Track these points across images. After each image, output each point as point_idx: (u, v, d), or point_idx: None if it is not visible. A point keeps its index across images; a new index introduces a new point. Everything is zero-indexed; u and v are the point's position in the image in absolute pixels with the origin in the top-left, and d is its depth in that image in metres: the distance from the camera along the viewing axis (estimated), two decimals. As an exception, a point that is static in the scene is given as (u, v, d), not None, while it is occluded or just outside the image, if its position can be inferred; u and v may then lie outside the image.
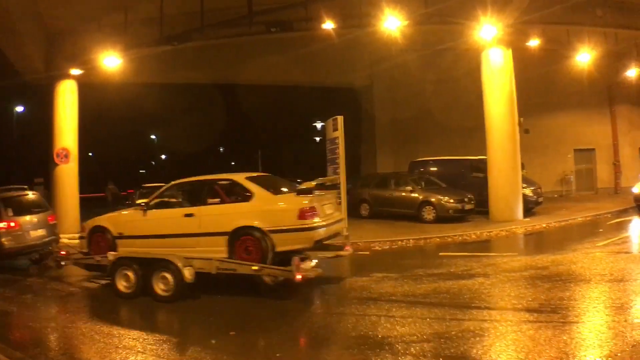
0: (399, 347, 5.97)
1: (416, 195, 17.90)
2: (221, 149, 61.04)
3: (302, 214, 8.38)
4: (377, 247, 13.59)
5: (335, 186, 11.50)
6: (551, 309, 7.30)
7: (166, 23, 15.81)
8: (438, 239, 14.33)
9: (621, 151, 28.99)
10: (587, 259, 10.83)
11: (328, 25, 14.84)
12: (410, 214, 17.76)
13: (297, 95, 35.84)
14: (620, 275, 9.15)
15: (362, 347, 6.06)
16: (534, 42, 18.62)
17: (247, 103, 39.31)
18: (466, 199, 17.40)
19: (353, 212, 17.96)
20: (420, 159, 21.58)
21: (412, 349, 5.90)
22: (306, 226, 8.39)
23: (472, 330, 6.49)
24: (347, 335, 6.68)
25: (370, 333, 6.56)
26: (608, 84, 27.49)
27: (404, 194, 18.34)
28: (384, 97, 27.54)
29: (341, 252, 9.85)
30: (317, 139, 45.60)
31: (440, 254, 12.51)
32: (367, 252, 13.06)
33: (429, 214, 17.21)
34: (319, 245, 8.92)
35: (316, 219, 8.54)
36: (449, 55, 22.20)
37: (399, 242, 13.97)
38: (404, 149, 25.05)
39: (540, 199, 19.71)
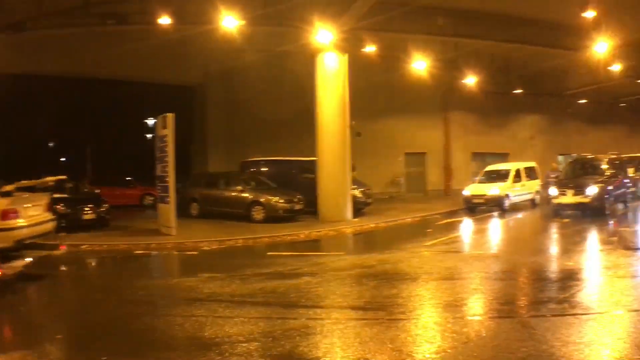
0: (226, 348, 6.39)
1: (246, 195, 19.82)
2: (51, 144, 59.64)
3: (3, 215, 9.84)
4: (205, 247, 14.80)
5: (47, 189, 12.88)
6: (377, 306, 8.26)
7: (6, 10, 16.19)
8: (267, 239, 16.02)
9: (453, 155, 33.90)
10: (414, 258, 12.45)
11: (164, 20, 16.05)
12: (240, 213, 19.48)
13: (133, 90, 36.33)
14: (447, 274, 10.69)
15: (189, 349, 6.55)
16: (370, 49, 21.27)
17: (83, 97, 39.58)
18: (296, 199, 19.59)
19: (183, 212, 19.36)
20: (252, 159, 23.41)
21: (238, 349, 6.33)
22: (7, 227, 9.86)
23: (298, 328, 7.08)
24: (174, 336, 7.15)
25: (197, 334, 7.01)
26: (444, 90, 32.04)
27: (234, 193, 20.18)
28: (219, 96, 29.12)
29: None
30: (149, 136, 46.30)
31: (268, 253, 13.88)
32: (196, 252, 14.22)
33: (258, 213, 19.16)
34: (22, 245, 10.21)
35: (19, 220, 10.03)
36: (286, 57, 24.06)
37: (228, 241, 15.44)
38: (237, 148, 26.66)
39: (370, 200, 22.56)
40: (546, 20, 22.99)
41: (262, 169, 22.71)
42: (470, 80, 28.27)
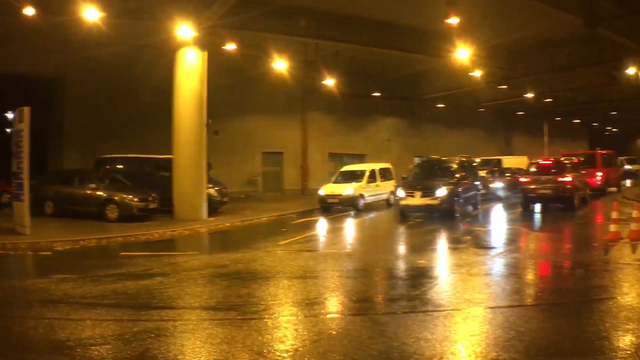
0: (78, 351, 6.60)
1: (100, 193, 20.45)
2: None
3: None
4: (59, 247, 15.13)
5: None
6: (229, 306, 8.73)
7: None
8: (121, 239, 16.68)
9: (310, 155, 36.53)
10: (268, 257, 13.31)
11: (29, 11, 16.49)
12: (94, 212, 20.09)
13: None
14: (300, 272, 11.50)
15: (40, 352, 6.78)
16: (231, 47, 22.81)
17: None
18: (150, 198, 20.49)
19: (38, 210, 19.83)
20: (107, 156, 23.88)
21: (90, 352, 6.52)
22: None
23: (150, 330, 7.35)
24: (27, 339, 7.26)
25: (50, 337, 7.17)
26: (303, 91, 34.47)
27: (88, 191, 20.69)
28: (77, 89, 29.05)
29: None
30: (9, 130, 45.15)
31: (122, 253, 14.39)
32: (49, 252, 14.54)
33: (112, 212, 19.91)
34: None
35: None
36: (147, 52, 25.10)
37: (81, 241, 15.86)
38: (95, 145, 26.77)
39: (226, 199, 23.95)
40: (408, 26, 25.58)
41: (117, 167, 23.25)
42: (330, 82, 30.46)
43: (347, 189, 24.97)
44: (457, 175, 22.39)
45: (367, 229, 21.59)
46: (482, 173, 29.17)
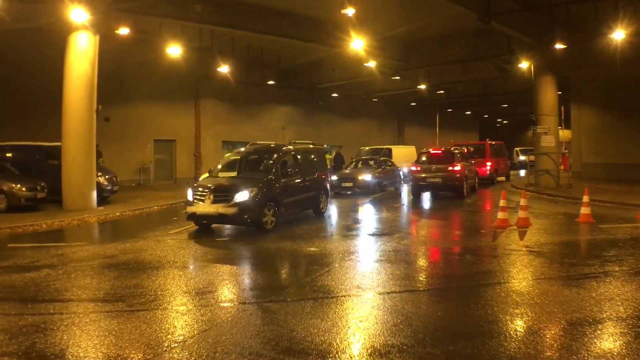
0: None
1: None
2: None
3: None
4: None
5: None
6: (118, 297, 8.81)
7: None
8: (8, 230, 16.27)
9: (203, 143, 36.84)
10: (158, 247, 13.41)
11: None
12: None
13: None
14: (190, 262, 11.92)
15: None
16: (124, 31, 22.78)
17: None
18: (39, 187, 20.10)
19: None
20: None
21: None
22: None
23: (37, 324, 7.39)
24: None
25: None
26: (197, 78, 34.67)
27: None
28: None
29: None
30: None
31: (9, 245, 14.07)
32: None
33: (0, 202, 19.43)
34: None
35: None
36: (36, 36, 24.58)
37: None
38: None
39: (116, 188, 23.91)
40: (305, 15, 26.22)
41: (5, 155, 22.58)
42: (225, 69, 30.92)
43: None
44: (275, 172, 16.98)
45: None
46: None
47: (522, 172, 43.20)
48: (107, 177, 23.33)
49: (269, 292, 9.31)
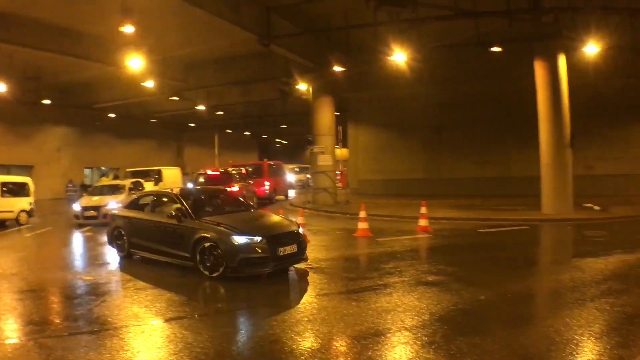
0: None
1: None
2: None
3: None
4: None
5: None
6: None
7: None
8: None
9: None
10: None
11: None
12: None
13: None
14: None
15: None
16: None
17: None
18: None
19: None
20: None
21: None
22: None
23: None
24: None
25: None
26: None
27: None
28: None
29: None
30: None
31: None
32: None
33: None
34: None
35: None
36: None
37: None
38: None
39: None
40: (84, 32, 25.65)
41: None
42: (1, 87, 29.01)
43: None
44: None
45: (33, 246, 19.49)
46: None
47: (292, 192, 43.66)
48: None
49: (45, 326, 8.58)
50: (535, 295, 10.86)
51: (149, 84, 31.80)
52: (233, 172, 28.47)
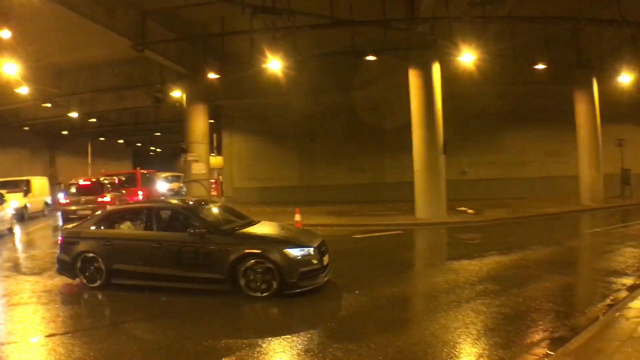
0: None
1: None
2: None
3: None
4: None
5: None
6: None
7: None
8: None
9: None
10: None
11: None
12: None
13: None
14: None
15: None
16: None
17: None
18: None
19: None
20: None
21: None
22: None
23: None
24: None
25: None
26: None
27: None
28: None
29: None
30: None
31: None
32: None
33: None
34: None
35: None
36: None
37: None
38: None
39: None
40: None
41: None
42: None
43: None
44: None
45: None
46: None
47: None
48: None
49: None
50: (410, 298, 11.31)
51: (23, 90, 30.41)
52: (105, 181, 27.76)
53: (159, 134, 60.27)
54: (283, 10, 19.66)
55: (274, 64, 23.81)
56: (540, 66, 26.63)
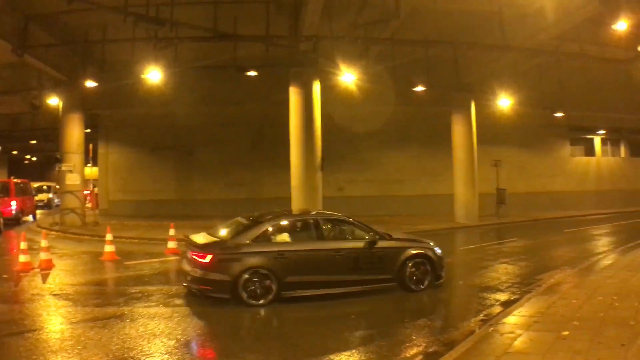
0: None
1: None
2: None
3: None
4: None
5: None
6: None
7: None
8: None
9: None
10: None
11: None
12: None
13: None
14: None
15: None
16: None
17: None
18: None
19: None
20: None
21: None
22: None
23: None
24: None
25: None
26: None
27: None
28: None
29: None
30: None
31: None
32: None
33: None
34: None
35: None
36: None
37: None
38: None
39: None
40: None
41: None
42: None
43: None
44: None
45: None
46: None
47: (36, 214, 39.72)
48: None
49: None
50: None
51: None
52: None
53: (34, 142, 58.00)
54: (166, 21, 19.52)
55: (154, 74, 23.55)
56: (420, 88, 27.53)
